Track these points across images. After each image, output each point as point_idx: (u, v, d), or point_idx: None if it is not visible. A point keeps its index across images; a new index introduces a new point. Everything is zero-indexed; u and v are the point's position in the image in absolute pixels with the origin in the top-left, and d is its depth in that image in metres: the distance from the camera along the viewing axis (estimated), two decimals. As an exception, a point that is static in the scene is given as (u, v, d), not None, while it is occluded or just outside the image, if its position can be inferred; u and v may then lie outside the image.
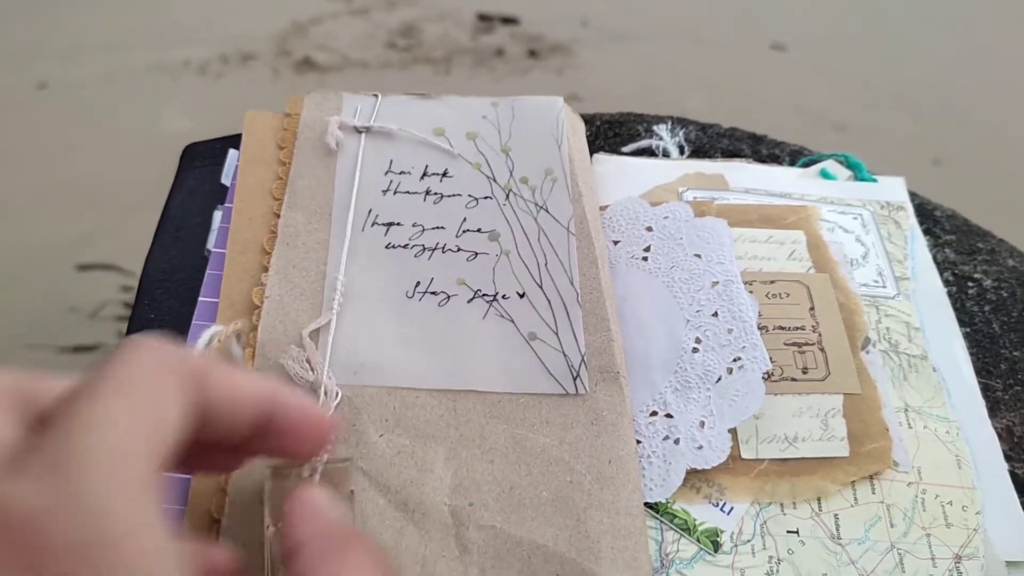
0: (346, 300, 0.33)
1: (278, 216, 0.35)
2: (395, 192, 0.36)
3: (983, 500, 0.32)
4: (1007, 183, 1.61)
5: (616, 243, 0.37)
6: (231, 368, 0.20)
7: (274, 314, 0.32)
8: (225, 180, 0.38)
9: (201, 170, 0.40)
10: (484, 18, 2.03)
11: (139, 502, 0.17)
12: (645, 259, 0.36)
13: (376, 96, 0.40)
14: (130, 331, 0.34)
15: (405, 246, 0.34)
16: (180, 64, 1.82)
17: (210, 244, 0.36)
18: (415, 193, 0.36)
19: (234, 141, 0.39)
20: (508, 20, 2.02)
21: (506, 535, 0.28)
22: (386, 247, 0.35)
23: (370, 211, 0.35)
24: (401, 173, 0.37)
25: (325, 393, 0.29)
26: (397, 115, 0.39)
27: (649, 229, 0.37)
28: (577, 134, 0.39)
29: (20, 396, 0.19)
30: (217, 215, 0.37)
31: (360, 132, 0.38)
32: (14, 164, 1.54)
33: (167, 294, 0.35)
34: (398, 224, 0.35)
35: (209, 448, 0.20)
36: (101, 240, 1.40)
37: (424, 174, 0.37)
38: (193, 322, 0.33)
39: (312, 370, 0.30)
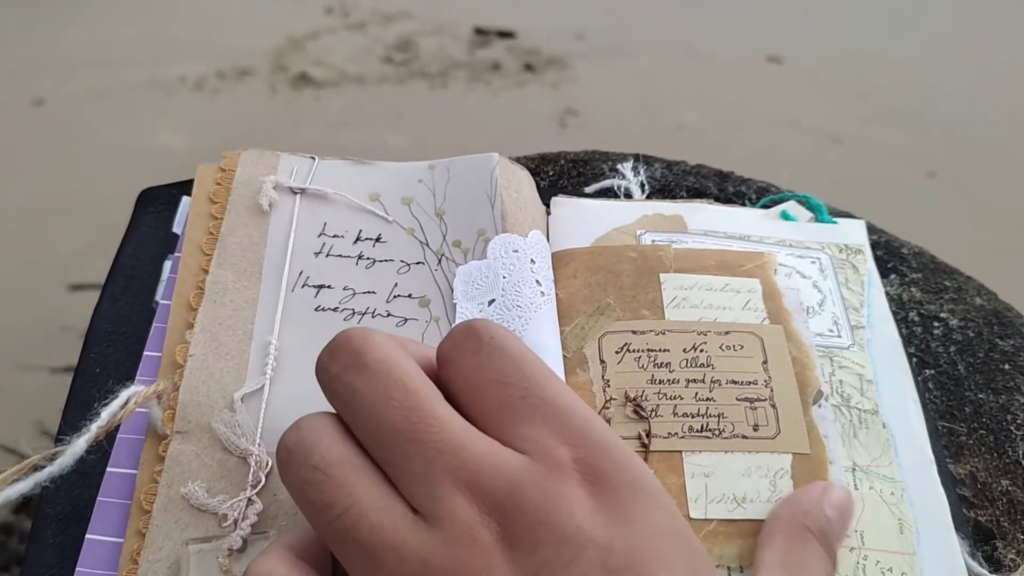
0: (278, 364, 0.32)
1: (206, 272, 0.34)
2: (327, 255, 0.36)
3: (923, 567, 0.31)
4: (1001, 196, 1.61)
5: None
6: None
7: (198, 374, 0.31)
8: (177, 228, 0.38)
9: (155, 216, 0.39)
10: (480, 32, 2.03)
11: None
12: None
13: (313, 159, 0.39)
14: (74, 385, 0.33)
15: (335, 309, 0.34)
16: (176, 80, 1.82)
17: (158, 295, 0.36)
18: (347, 257, 0.36)
19: (188, 187, 0.39)
20: (504, 34, 2.02)
21: None
22: (315, 309, 0.34)
23: (301, 272, 0.35)
24: (335, 236, 0.36)
25: (256, 463, 0.29)
26: (333, 178, 0.39)
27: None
28: (513, 187, 0.39)
29: None
30: (167, 265, 0.37)
31: (295, 193, 0.38)
32: (9, 181, 1.54)
33: (113, 347, 0.35)
34: (329, 287, 0.35)
35: None
36: (94, 258, 1.40)
37: (357, 238, 0.36)
38: (136, 377, 0.33)
39: (243, 437, 0.29)
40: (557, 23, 2.05)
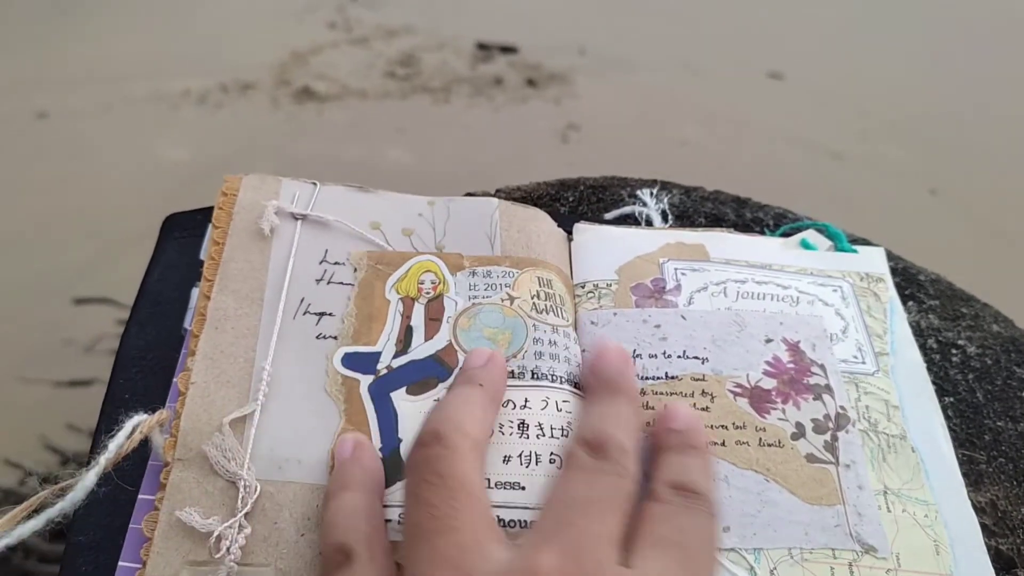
0: (272, 391, 0.32)
1: (208, 298, 0.34)
2: (328, 282, 0.36)
3: (959, 586, 0.32)
4: (1003, 213, 1.61)
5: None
6: None
7: (198, 401, 0.31)
8: (203, 255, 0.38)
9: (180, 242, 0.40)
10: (483, 47, 2.04)
11: None
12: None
13: (315, 184, 0.39)
14: (104, 411, 0.34)
15: (335, 337, 0.34)
16: (180, 94, 1.83)
17: (187, 322, 0.36)
18: (349, 284, 0.36)
19: (212, 213, 0.39)
20: (507, 49, 2.03)
21: None
22: (316, 337, 0.34)
23: (302, 299, 0.35)
24: (336, 264, 0.36)
25: (244, 487, 0.29)
26: (335, 205, 0.39)
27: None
28: (515, 228, 0.39)
29: None
30: (195, 292, 0.37)
31: (297, 219, 0.38)
32: (13, 195, 1.55)
33: (142, 373, 0.35)
34: (330, 315, 0.35)
35: None
36: (97, 272, 1.40)
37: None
38: (167, 404, 0.33)
39: (231, 461, 0.29)
40: (559, 38, 2.06)
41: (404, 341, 0.34)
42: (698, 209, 0.47)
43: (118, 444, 0.30)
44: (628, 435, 0.30)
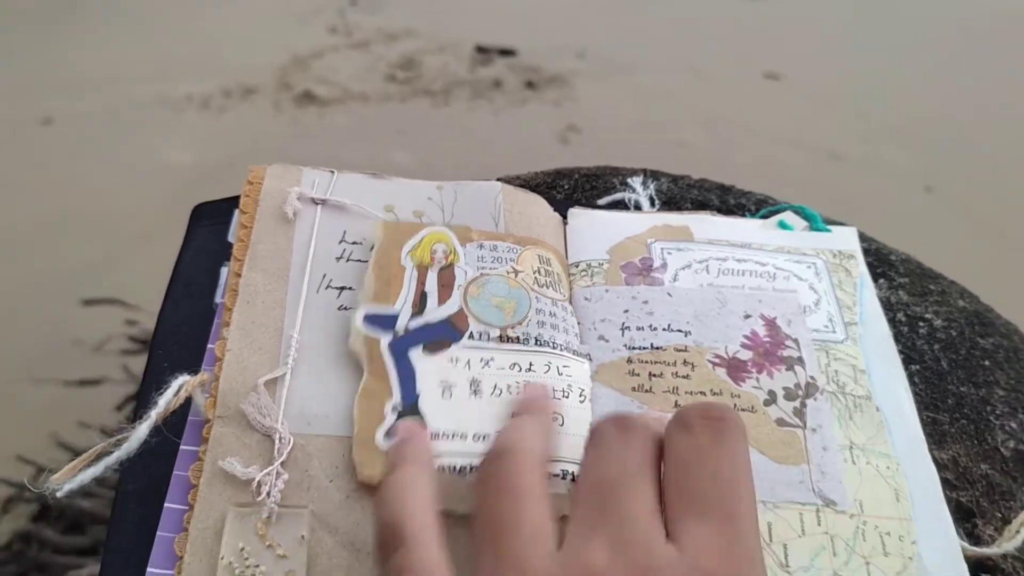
0: (301, 356, 0.36)
1: (239, 276, 0.38)
2: (347, 260, 0.40)
3: (919, 530, 0.35)
4: (996, 209, 1.65)
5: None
6: None
7: (234, 366, 0.35)
8: (231, 238, 0.41)
9: (209, 228, 0.43)
10: (482, 50, 2.08)
11: None
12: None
13: (332, 172, 0.43)
14: (146, 380, 0.37)
15: (355, 308, 0.38)
16: (183, 98, 1.86)
17: (217, 297, 0.40)
18: (366, 262, 0.39)
19: (238, 202, 0.43)
20: (506, 52, 2.07)
21: None
22: (338, 308, 0.38)
23: (324, 275, 0.39)
24: (354, 243, 0.40)
25: (279, 439, 0.33)
26: (351, 191, 0.43)
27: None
28: (517, 209, 0.43)
29: None
30: (223, 271, 0.41)
31: (317, 204, 0.42)
32: (21, 199, 1.57)
33: (178, 345, 0.38)
34: (350, 288, 0.39)
35: None
36: (104, 273, 1.43)
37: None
38: (203, 368, 0.37)
39: (267, 417, 0.33)
40: (558, 41, 2.09)
41: (419, 304, 0.38)
42: (685, 196, 0.51)
43: (167, 400, 0.33)
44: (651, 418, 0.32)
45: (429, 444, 0.33)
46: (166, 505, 0.32)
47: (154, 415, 0.33)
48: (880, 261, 0.50)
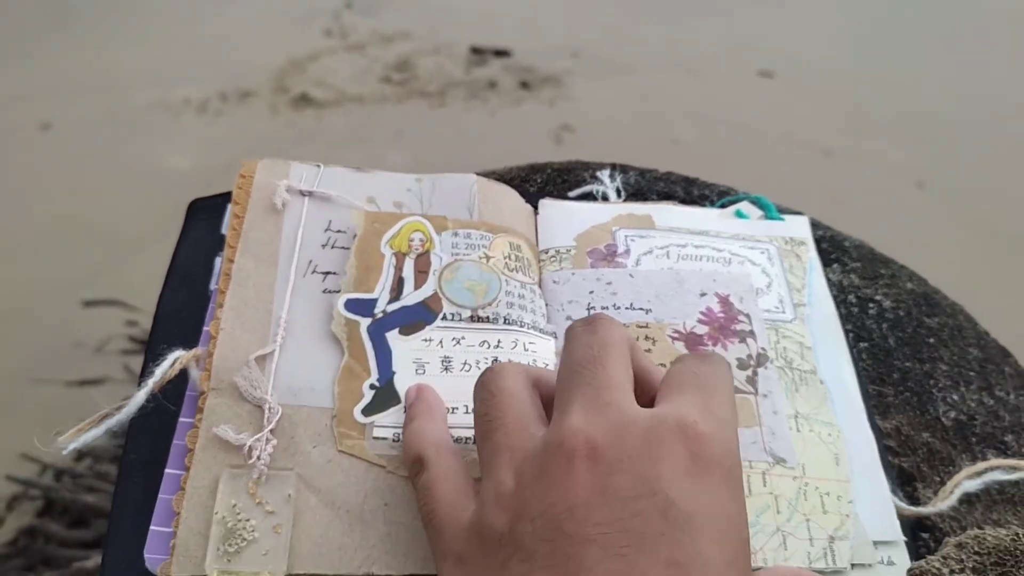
0: (288, 334, 0.39)
1: (232, 261, 0.41)
2: (332, 247, 0.43)
3: (856, 491, 0.38)
4: (987, 204, 1.67)
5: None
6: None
7: (227, 343, 0.38)
8: (225, 231, 0.45)
9: (204, 222, 0.46)
10: (477, 51, 2.10)
11: None
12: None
13: (319, 166, 0.47)
14: (147, 362, 0.40)
15: (339, 291, 0.41)
16: (180, 102, 1.88)
17: (212, 284, 0.43)
18: (349, 248, 0.43)
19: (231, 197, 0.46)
20: (500, 53, 2.09)
21: (417, 530, 0.34)
22: (323, 292, 0.41)
23: (310, 261, 0.42)
24: (338, 231, 0.44)
25: (269, 409, 0.36)
26: (336, 183, 0.46)
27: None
28: (491, 201, 0.46)
29: None
30: (218, 261, 0.44)
31: (304, 195, 0.45)
32: (20, 203, 1.60)
33: (177, 328, 0.42)
34: (334, 273, 0.42)
35: None
36: (105, 275, 1.45)
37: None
38: (199, 346, 0.40)
39: (257, 389, 0.36)
40: (552, 41, 2.11)
41: (397, 290, 0.41)
42: (652, 188, 0.54)
43: (163, 371, 0.37)
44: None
45: (437, 396, 0.38)
46: (166, 471, 0.35)
47: (151, 383, 0.36)
48: (834, 247, 0.53)
